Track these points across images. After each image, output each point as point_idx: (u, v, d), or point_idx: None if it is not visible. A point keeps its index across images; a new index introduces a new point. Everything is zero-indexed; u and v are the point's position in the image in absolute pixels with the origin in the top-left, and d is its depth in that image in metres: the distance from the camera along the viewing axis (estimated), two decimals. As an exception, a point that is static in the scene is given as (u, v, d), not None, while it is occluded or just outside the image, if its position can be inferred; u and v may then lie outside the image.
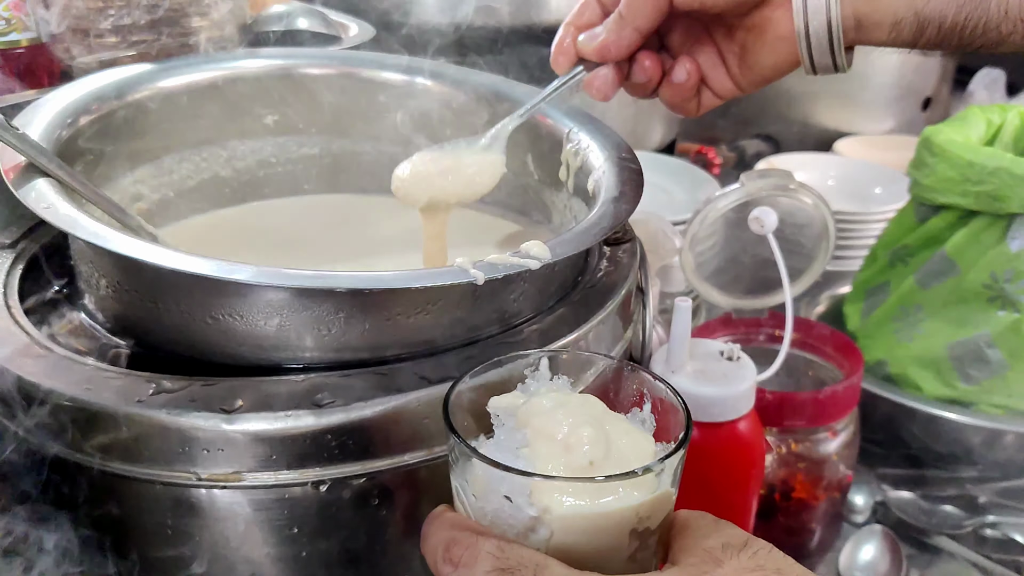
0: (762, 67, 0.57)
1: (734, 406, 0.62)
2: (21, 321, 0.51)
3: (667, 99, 0.60)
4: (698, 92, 0.60)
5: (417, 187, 0.59)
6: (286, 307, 0.45)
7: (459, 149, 0.59)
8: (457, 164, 0.59)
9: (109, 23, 0.71)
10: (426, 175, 0.59)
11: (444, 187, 0.58)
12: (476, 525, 0.37)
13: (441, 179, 0.58)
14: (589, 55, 0.57)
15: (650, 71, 0.58)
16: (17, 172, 0.50)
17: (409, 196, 0.59)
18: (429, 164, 0.59)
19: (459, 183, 0.59)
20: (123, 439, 0.43)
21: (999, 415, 0.85)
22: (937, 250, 0.87)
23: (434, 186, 0.58)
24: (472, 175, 0.59)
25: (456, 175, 0.58)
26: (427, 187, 0.58)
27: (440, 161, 0.59)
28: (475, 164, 0.59)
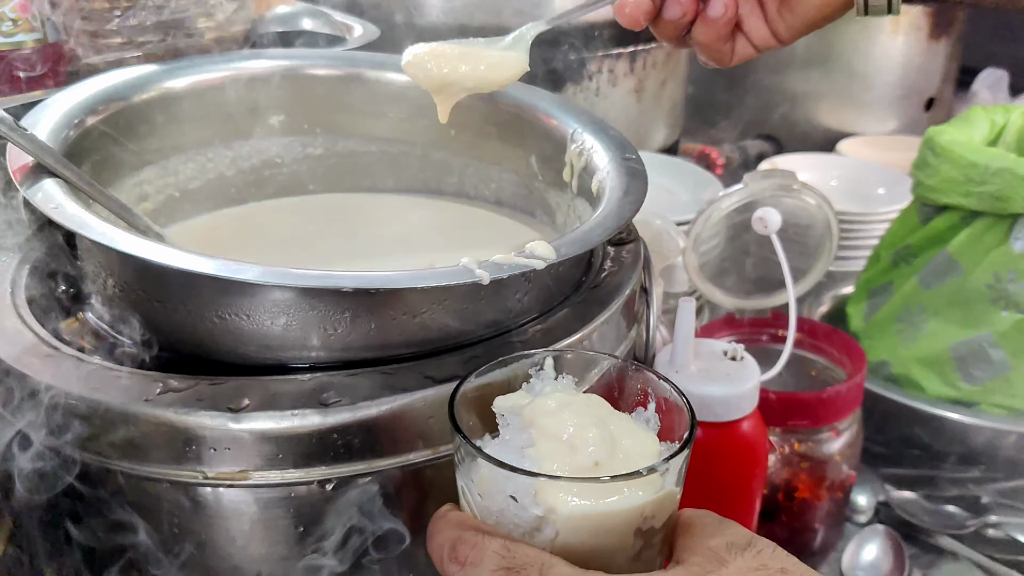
0: (806, 8, 0.53)
1: (738, 406, 0.62)
2: (28, 320, 0.51)
3: (700, 39, 0.56)
4: (732, 38, 0.57)
5: (434, 64, 0.56)
6: (292, 306, 0.46)
7: (480, 44, 0.57)
8: (478, 53, 0.56)
9: (115, 24, 0.71)
10: (444, 54, 0.56)
11: (461, 70, 0.56)
12: (482, 524, 0.37)
13: (459, 61, 0.56)
14: None
15: (685, 4, 0.54)
16: (25, 172, 0.50)
17: (422, 73, 0.56)
18: (448, 47, 0.56)
19: (478, 69, 0.56)
20: (130, 438, 0.44)
21: (1002, 415, 0.86)
22: (940, 250, 0.87)
23: (451, 66, 0.56)
24: (493, 64, 0.56)
25: (476, 61, 0.56)
26: (443, 65, 0.56)
27: (461, 47, 0.56)
28: (497, 56, 0.56)
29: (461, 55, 0.56)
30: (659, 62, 1.17)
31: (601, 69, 1.11)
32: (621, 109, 1.16)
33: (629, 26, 0.55)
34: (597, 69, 1.11)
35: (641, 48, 1.14)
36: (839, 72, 1.45)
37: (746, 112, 1.52)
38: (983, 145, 0.90)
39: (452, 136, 0.73)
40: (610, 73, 1.12)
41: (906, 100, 1.49)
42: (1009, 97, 1.56)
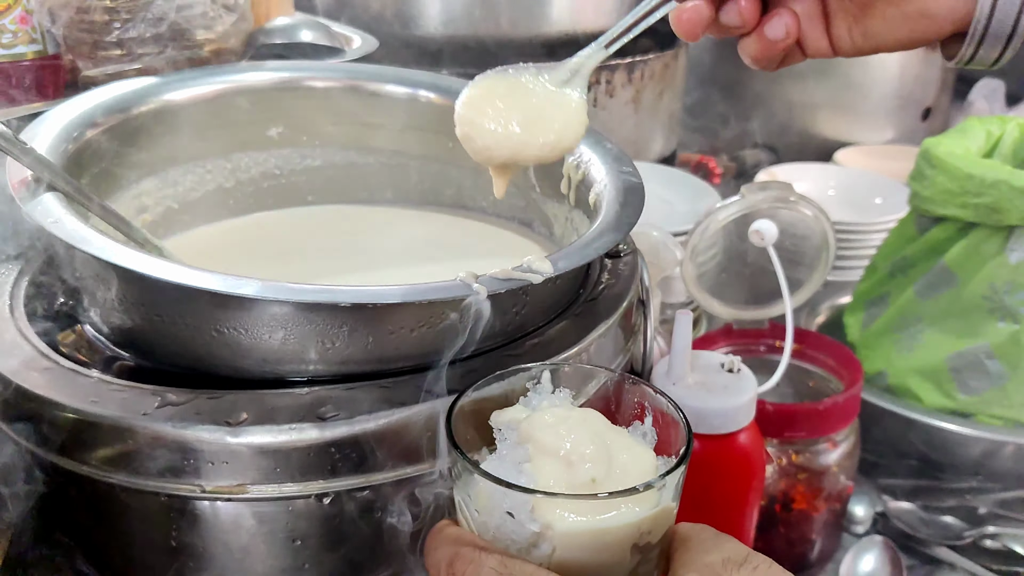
0: (882, 39, 0.48)
1: (735, 418, 0.62)
2: (27, 333, 0.52)
3: (750, 52, 0.50)
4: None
5: (497, 145, 0.47)
6: (290, 321, 0.46)
7: (534, 85, 0.46)
8: (539, 114, 0.47)
9: (115, 36, 0.72)
10: (506, 133, 0.47)
11: (525, 146, 0.47)
12: (479, 540, 0.37)
13: (523, 135, 0.47)
14: None
15: (746, 15, 0.48)
16: (24, 185, 0.50)
17: (483, 153, 0.48)
18: (507, 114, 0.46)
19: (544, 148, 0.47)
20: (128, 452, 0.44)
21: (999, 426, 0.86)
22: (937, 261, 0.88)
23: (514, 144, 0.47)
24: (560, 132, 0.46)
25: (538, 128, 0.47)
26: (507, 145, 0.47)
27: (518, 108, 0.47)
28: (559, 117, 0.47)
29: (523, 125, 0.47)
30: (656, 72, 1.17)
31: (599, 80, 1.11)
32: (619, 119, 1.16)
33: (686, 36, 0.49)
34: (595, 80, 1.11)
35: (639, 59, 1.14)
36: (836, 82, 1.45)
37: (743, 122, 1.52)
38: (979, 156, 0.90)
39: (450, 148, 0.73)
40: (608, 84, 1.12)
41: (903, 110, 1.50)
42: (1005, 107, 1.57)
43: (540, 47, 1.09)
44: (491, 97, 0.46)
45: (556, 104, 0.46)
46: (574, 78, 0.48)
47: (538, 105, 0.46)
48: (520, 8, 1.08)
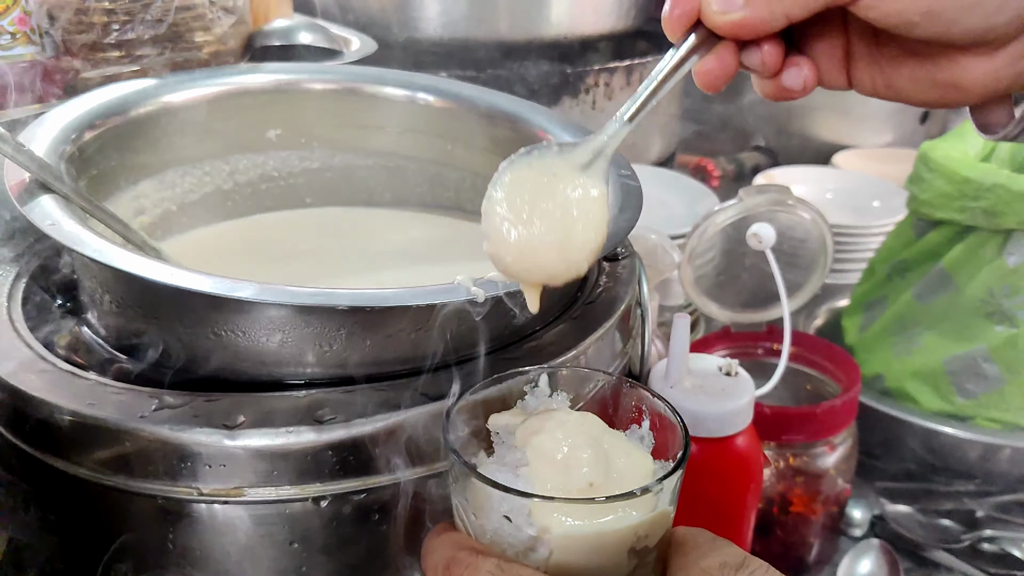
0: (907, 95, 0.45)
1: (732, 421, 0.62)
2: (24, 335, 0.51)
3: (764, 90, 0.47)
4: None
5: (530, 273, 0.42)
6: (288, 324, 0.46)
7: (558, 184, 0.41)
8: (569, 233, 0.41)
9: (113, 38, 0.72)
10: (540, 263, 0.41)
11: (558, 275, 0.42)
12: (476, 544, 0.37)
13: (556, 262, 0.41)
14: (719, 28, 0.42)
15: (769, 64, 0.44)
16: (22, 188, 0.50)
17: (516, 277, 0.42)
18: (538, 239, 0.40)
19: (574, 267, 0.42)
20: (125, 454, 0.44)
21: (996, 429, 0.86)
22: (935, 265, 0.88)
23: (547, 273, 0.42)
24: (591, 248, 0.42)
25: (571, 252, 0.41)
26: (539, 275, 0.42)
27: (548, 228, 0.41)
28: (590, 231, 0.41)
29: (559, 245, 0.41)
30: (655, 75, 1.17)
31: (598, 82, 1.11)
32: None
33: (708, 89, 0.44)
34: (594, 82, 1.11)
35: (637, 61, 1.14)
36: (835, 85, 1.45)
37: (742, 124, 1.52)
38: (977, 160, 0.90)
39: (449, 151, 0.73)
40: (607, 86, 1.12)
41: (901, 113, 1.50)
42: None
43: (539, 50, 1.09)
44: (518, 212, 0.41)
45: (584, 214, 0.41)
46: (597, 160, 0.43)
47: (567, 222, 0.41)
48: (518, 11, 1.08)
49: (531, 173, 0.41)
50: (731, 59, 0.43)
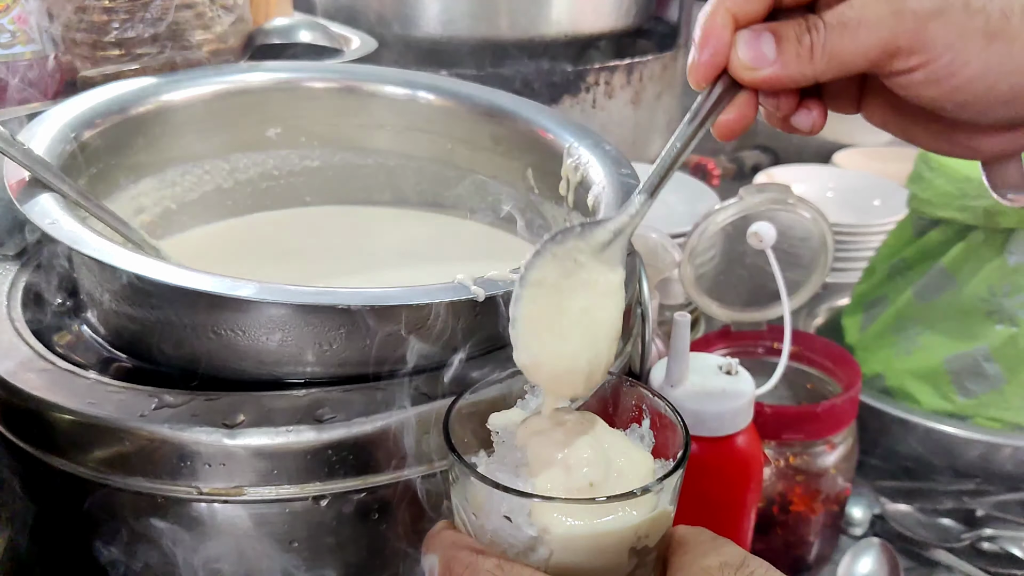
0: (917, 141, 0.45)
1: (732, 421, 0.62)
2: (24, 334, 0.51)
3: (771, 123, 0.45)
4: None
5: (562, 389, 0.40)
6: (288, 323, 0.46)
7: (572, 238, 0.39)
8: (593, 342, 0.40)
9: (113, 36, 0.72)
10: (571, 380, 0.40)
11: (586, 387, 0.40)
12: (476, 543, 0.37)
13: (585, 376, 0.40)
14: (747, 83, 0.40)
15: (784, 109, 0.43)
16: (22, 187, 0.50)
17: (567, 392, 0.41)
18: (567, 360, 0.39)
19: (599, 375, 0.41)
20: (125, 453, 0.44)
21: (996, 429, 0.86)
22: (935, 264, 0.88)
23: (576, 389, 0.40)
24: (611, 346, 0.40)
25: (597, 363, 0.40)
26: (571, 390, 0.41)
27: (575, 342, 0.39)
28: (610, 331, 0.40)
29: (590, 368, 0.40)
30: (656, 74, 1.17)
31: (598, 81, 1.11)
32: (618, 120, 1.16)
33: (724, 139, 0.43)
34: (594, 81, 1.11)
35: (638, 60, 1.14)
36: (835, 83, 1.45)
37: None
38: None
39: (449, 149, 0.73)
40: (607, 85, 1.12)
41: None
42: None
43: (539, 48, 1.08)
44: (544, 328, 0.39)
45: (605, 311, 0.40)
46: (616, 239, 0.41)
47: (592, 330, 0.40)
48: (519, 9, 1.08)
49: (553, 271, 0.39)
50: (751, 110, 0.42)
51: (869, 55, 0.39)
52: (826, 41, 0.39)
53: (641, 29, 1.21)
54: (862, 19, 0.38)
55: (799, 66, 0.39)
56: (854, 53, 0.39)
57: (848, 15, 0.39)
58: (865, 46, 0.39)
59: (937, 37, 0.38)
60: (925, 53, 0.38)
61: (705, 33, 0.40)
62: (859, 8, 0.38)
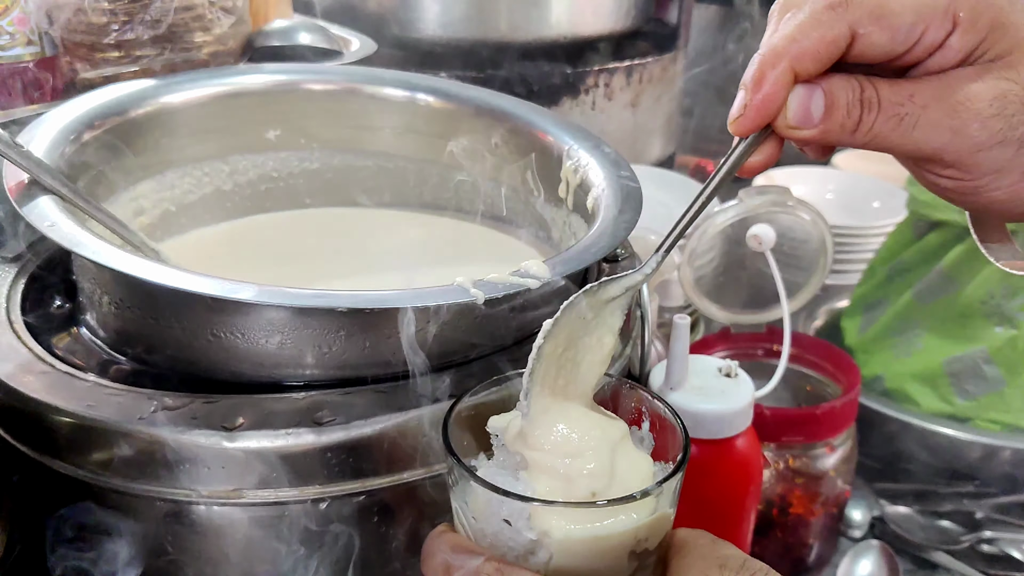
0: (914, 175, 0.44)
1: (732, 423, 0.62)
2: (23, 336, 0.51)
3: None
4: None
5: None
6: (287, 325, 0.46)
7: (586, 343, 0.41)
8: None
9: (112, 38, 0.72)
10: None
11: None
12: (476, 547, 0.37)
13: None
14: (789, 138, 0.39)
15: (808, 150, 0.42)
16: (21, 189, 0.50)
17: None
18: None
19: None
20: (124, 456, 0.44)
21: (996, 431, 0.86)
22: (935, 266, 0.88)
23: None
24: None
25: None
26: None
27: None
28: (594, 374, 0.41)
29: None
30: (655, 76, 1.17)
31: (597, 83, 1.11)
32: (617, 123, 1.16)
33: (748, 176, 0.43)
34: (594, 83, 1.11)
35: (637, 62, 1.14)
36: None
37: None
38: (977, 161, 0.90)
39: (448, 152, 0.73)
40: (606, 87, 1.12)
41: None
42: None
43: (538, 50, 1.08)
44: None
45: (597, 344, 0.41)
46: (625, 294, 0.41)
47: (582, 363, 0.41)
48: (518, 11, 1.08)
49: (563, 334, 0.40)
50: (777, 152, 0.41)
51: (911, 153, 0.39)
52: (875, 124, 0.38)
53: (640, 31, 1.21)
54: (919, 121, 0.37)
55: (840, 135, 0.38)
56: (898, 147, 0.38)
57: (907, 110, 0.37)
58: (912, 146, 0.38)
59: (983, 164, 0.38)
60: (965, 173, 0.38)
61: (760, 86, 0.38)
62: (920, 107, 0.37)
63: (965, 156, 0.38)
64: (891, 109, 0.37)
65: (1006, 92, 0.37)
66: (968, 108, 0.37)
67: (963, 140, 0.37)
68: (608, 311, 0.41)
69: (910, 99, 0.37)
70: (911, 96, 0.37)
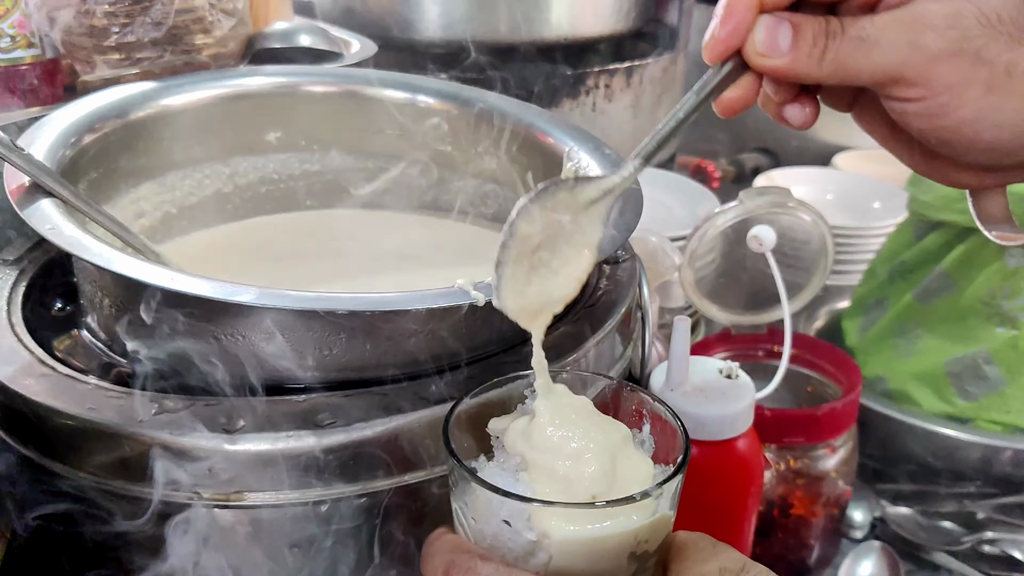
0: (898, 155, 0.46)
1: (733, 425, 0.62)
2: (24, 339, 0.51)
3: (764, 107, 0.47)
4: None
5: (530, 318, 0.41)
6: (288, 328, 0.46)
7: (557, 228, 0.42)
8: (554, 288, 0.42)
9: (113, 41, 0.72)
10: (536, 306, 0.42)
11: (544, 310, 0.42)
12: (476, 548, 0.37)
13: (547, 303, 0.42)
14: (758, 68, 0.42)
15: (782, 97, 0.45)
16: (22, 192, 0.50)
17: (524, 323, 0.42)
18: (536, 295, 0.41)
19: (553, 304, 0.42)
20: (125, 458, 0.44)
21: (997, 431, 0.86)
22: (935, 267, 0.88)
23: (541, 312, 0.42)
24: (575, 285, 0.42)
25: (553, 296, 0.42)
26: (535, 315, 0.42)
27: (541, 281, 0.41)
28: (578, 270, 0.43)
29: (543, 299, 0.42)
30: (655, 77, 1.17)
31: (598, 84, 1.11)
32: (618, 124, 1.16)
33: (724, 115, 0.45)
34: (594, 84, 1.11)
35: (638, 63, 1.14)
36: (835, 86, 1.45)
37: (742, 125, 1.52)
38: (978, 161, 0.90)
39: (449, 153, 0.73)
40: (607, 88, 1.12)
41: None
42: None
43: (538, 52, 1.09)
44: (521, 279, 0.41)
45: (574, 268, 0.42)
46: (604, 198, 0.43)
47: (557, 279, 0.42)
48: (519, 13, 1.08)
49: (539, 223, 0.41)
50: (753, 92, 0.43)
51: (875, 75, 0.40)
52: (839, 50, 0.40)
53: (641, 32, 1.21)
54: (879, 40, 0.39)
55: (807, 65, 0.40)
56: (861, 70, 0.40)
57: (867, 31, 0.40)
58: (874, 66, 0.40)
59: (942, 77, 0.39)
60: (926, 88, 0.40)
61: (728, 10, 0.41)
62: (879, 28, 0.39)
63: (924, 69, 0.39)
64: (853, 32, 0.40)
65: (960, 10, 0.39)
66: (923, 22, 0.39)
67: (920, 52, 0.39)
68: (587, 219, 0.42)
69: (871, 23, 0.40)
70: (872, 21, 0.40)
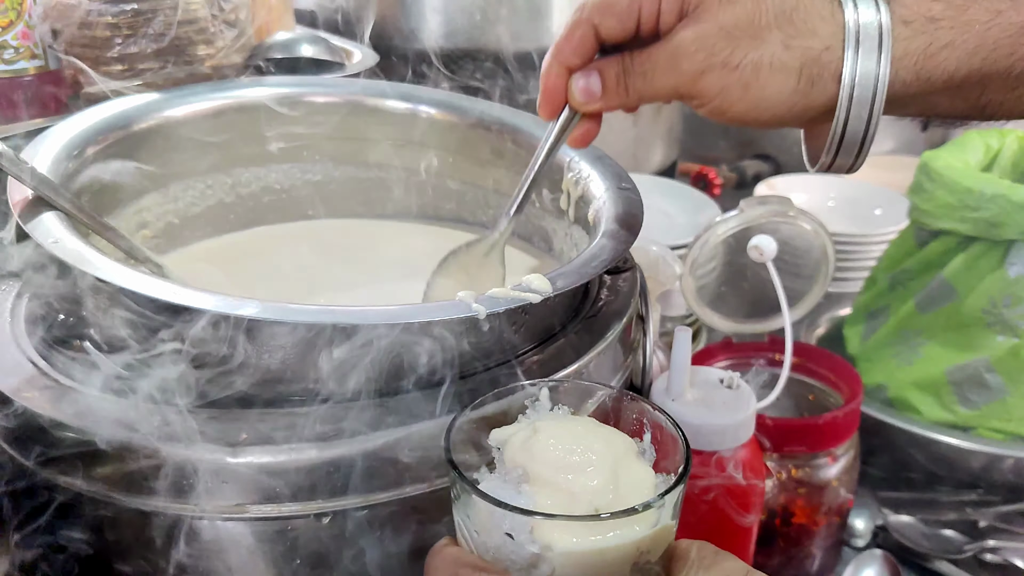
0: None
1: (734, 435, 0.62)
2: (27, 351, 0.52)
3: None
4: None
5: None
6: (291, 341, 0.46)
7: (460, 256, 0.59)
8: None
9: (116, 52, 0.72)
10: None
11: None
12: (479, 560, 0.37)
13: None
14: (586, 112, 0.53)
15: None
16: (25, 205, 0.51)
17: None
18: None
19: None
20: (127, 471, 0.44)
21: (999, 440, 0.86)
22: (936, 275, 0.88)
23: None
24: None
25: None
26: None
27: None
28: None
29: None
30: (656, 85, 1.17)
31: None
32: (618, 131, 1.16)
33: (578, 147, 0.57)
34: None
35: (638, 71, 1.14)
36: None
37: (743, 132, 1.52)
38: (978, 170, 0.90)
39: (450, 163, 0.73)
40: (607, 96, 1.12)
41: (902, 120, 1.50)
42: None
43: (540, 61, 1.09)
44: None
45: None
46: (493, 250, 0.59)
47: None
48: (521, 22, 1.08)
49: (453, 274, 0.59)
50: (595, 125, 0.55)
51: (667, 96, 0.50)
52: (634, 84, 0.50)
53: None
54: (654, 73, 0.49)
55: (619, 100, 0.51)
56: (654, 94, 0.50)
57: (645, 67, 0.50)
58: (659, 91, 0.50)
59: (706, 89, 0.48)
60: (701, 98, 0.49)
61: (545, 83, 0.52)
62: (653, 62, 0.49)
63: (690, 87, 0.49)
64: (638, 68, 0.50)
65: (704, 32, 0.48)
66: (679, 52, 0.48)
67: (682, 75, 0.49)
68: (488, 265, 0.59)
69: (649, 58, 0.49)
70: (649, 55, 0.49)
